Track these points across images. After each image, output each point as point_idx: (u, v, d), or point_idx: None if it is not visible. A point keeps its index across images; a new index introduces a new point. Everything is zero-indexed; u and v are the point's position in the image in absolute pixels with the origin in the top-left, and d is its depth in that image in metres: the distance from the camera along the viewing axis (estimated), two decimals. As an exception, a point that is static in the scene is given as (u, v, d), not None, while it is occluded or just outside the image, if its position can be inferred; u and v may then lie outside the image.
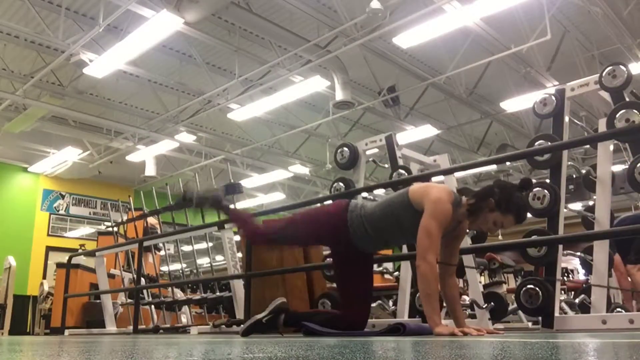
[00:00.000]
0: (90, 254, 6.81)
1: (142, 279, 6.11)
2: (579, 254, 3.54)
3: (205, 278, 6.66)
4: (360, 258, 2.77)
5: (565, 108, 3.38)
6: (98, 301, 6.59)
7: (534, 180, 2.92)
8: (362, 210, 2.66)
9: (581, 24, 7.75)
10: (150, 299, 6.14)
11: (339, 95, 8.00)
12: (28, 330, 9.95)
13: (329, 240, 2.85)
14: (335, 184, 4.28)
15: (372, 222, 2.62)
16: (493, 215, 2.44)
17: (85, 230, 12.79)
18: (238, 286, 4.71)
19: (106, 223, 10.28)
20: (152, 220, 7.18)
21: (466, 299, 3.91)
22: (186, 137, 10.56)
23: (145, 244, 5.91)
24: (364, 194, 4.44)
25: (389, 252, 4.94)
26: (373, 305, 4.19)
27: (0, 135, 9.90)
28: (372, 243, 2.72)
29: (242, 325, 2.87)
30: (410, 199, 2.53)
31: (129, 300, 6.34)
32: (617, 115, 3.05)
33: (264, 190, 14.17)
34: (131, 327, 5.49)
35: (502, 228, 2.52)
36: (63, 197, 12.74)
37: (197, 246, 6.26)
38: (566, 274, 6.49)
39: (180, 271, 7.64)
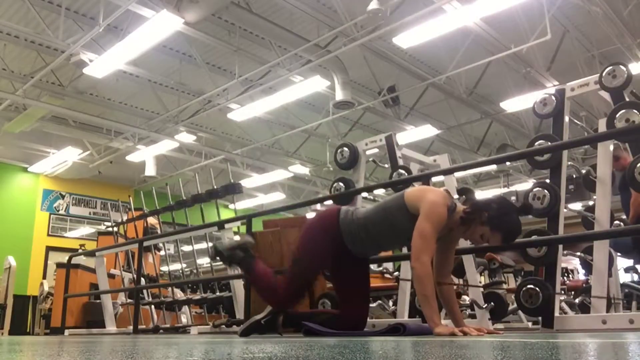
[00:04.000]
0: (90, 254, 6.81)
1: (142, 279, 6.11)
2: (579, 254, 3.54)
3: (205, 278, 6.66)
4: (355, 260, 2.78)
5: (565, 108, 3.38)
6: (98, 301, 6.59)
7: (533, 182, 2.92)
8: (354, 215, 2.67)
9: (581, 24, 7.75)
10: (150, 299, 6.14)
11: (339, 95, 8.00)
12: (28, 330, 9.95)
13: (330, 251, 2.73)
14: (335, 184, 4.28)
15: (366, 226, 2.63)
16: (482, 228, 2.46)
17: (85, 230, 12.79)
18: (238, 286, 4.71)
19: (106, 223, 10.28)
20: (152, 220, 7.18)
21: (466, 299, 3.91)
22: (186, 137, 10.56)
23: (145, 244, 5.92)
24: (364, 194, 4.44)
25: (388, 252, 4.94)
26: (373, 305, 4.19)
27: (0, 135, 9.90)
28: (367, 247, 2.73)
29: (241, 326, 2.86)
30: (406, 202, 2.54)
31: (129, 300, 6.34)
32: (617, 115, 3.05)
33: (264, 190, 14.17)
34: (131, 327, 5.49)
35: (487, 243, 2.54)
36: (63, 197, 12.74)
37: (197, 246, 6.26)
38: (566, 274, 6.49)
39: (180, 271, 7.64)
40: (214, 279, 6.02)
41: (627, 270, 5.08)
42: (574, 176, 6.34)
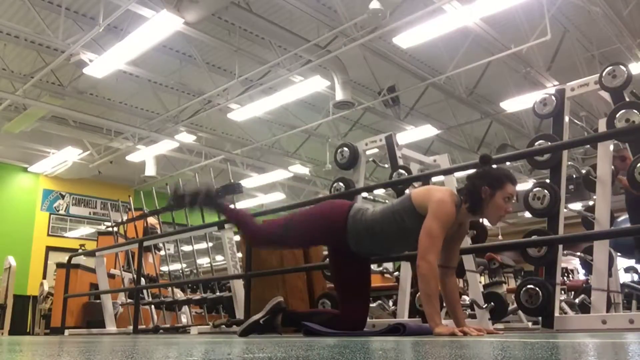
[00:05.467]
0: (90, 254, 6.81)
1: (142, 279, 6.11)
2: (579, 254, 3.54)
3: (205, 278, 6.66)
4: (357, 260, 2.77)
5: (565, 108, 3.38)
6: (98, 301, 6.59)
7: (533, 182, 2.92)
8: (364, 216, 2.64)
9: (581, 24, 7.75)
10: (150, 299, 6.14)
11: (339, 95, 8.00)
12: (28, 330, 9.94)
13: (326, 242, 2.88)
14: (335, 184, 4.27)
15: (373, 228, 2.60)
16: (494, 195, 2.43)
17: (85, 230, 12.79)
18: (238, 286, 4.71)
19: (106, 223, 10.27)
20: (152, 220, 7.18)
21: (466, 299, 3.91)
22: (186, 137, 10.55)
23: (145, 244, 5.91)
24: (364, 194, 4.44)
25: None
26: (373, 305, 4.19)
27: (0, 135, 9.90)
28: (371, 248, 2.72)
29: (240, 326, 2.86)
30: (414, 204, 2.51)
31: (129, 300, 6.34)
32: (617, 115, 3.05)
33: (264, 190, 14.17)
34: (131, 327, 5.49)
35: (512, 200, 2.48)
36: (63, 197, 12.74)
37: (197, 246, 6.26)
38: (566, 274, 6.49)
39: (180, 271, 7.64)
40: (214, 279, 6.02)
41: (627, 270, 5.08)
42: (574, 176, 6.34)
